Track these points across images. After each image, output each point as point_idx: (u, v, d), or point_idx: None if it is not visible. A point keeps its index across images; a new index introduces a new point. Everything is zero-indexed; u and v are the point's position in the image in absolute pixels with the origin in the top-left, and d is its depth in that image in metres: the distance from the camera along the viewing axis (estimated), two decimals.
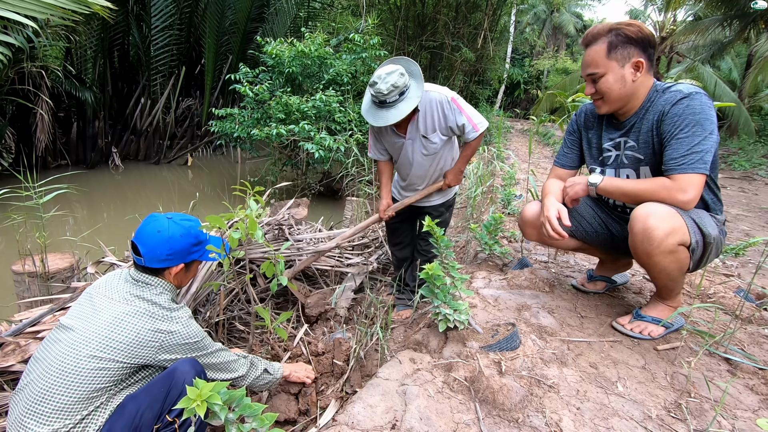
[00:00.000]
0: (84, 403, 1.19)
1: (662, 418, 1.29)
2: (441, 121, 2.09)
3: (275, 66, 6.64)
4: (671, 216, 1.43)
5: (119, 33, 8.93)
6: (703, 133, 1.43)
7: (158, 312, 1.30)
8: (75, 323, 1.27)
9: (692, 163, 1.43)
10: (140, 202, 7.01)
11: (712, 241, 1.50)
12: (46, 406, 1.16)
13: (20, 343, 1.83)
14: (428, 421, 1.20)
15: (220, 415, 0.88)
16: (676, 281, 1.60)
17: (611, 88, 1.54)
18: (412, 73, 2.03)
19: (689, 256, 1.50)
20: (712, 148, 1.44)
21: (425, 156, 2.19)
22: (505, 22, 12.67)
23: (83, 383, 1.18)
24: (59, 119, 8.19)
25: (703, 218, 1.51)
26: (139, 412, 1.20)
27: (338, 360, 2.01)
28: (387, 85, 1.91)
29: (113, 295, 1.32)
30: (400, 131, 2.17)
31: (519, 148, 9.95)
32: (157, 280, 1.39)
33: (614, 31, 1.50)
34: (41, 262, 2.51)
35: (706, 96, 1.47)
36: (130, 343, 1.23)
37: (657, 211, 1.45)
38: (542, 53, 25.71)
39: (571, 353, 1.57)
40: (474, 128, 2.08)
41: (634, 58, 1.50)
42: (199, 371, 1.29)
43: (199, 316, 2.34)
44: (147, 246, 1.34)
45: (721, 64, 14.60)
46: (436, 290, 1.57)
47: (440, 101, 2.05)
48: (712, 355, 1.61)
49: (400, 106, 1.95)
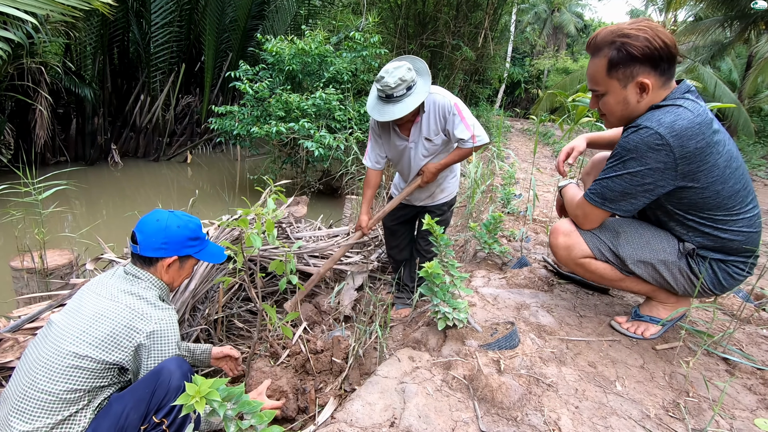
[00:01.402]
0: (63, 404, 1.16)
1: (660, 418, 1.29)
2: (442, 125, 2.09)
3: (275, 63, 6.62)
4: (567, 233, 1.58)
5: (119, 29, 8.90)
6: (619, 170, 1.35)
7: (140, 308, 1.27)
8: (60, 319, 1.26)
9: (591, 192, 1.47)
10: (139, 200, 7.00)
11: (640, 262, 1.48)
12: (28, 403, 1.15)
13: (18, 340, 1.83)
14: (427, 419, 1.20)
15: (219, 411, 0.88)
16: (636, 288, 1.62)
17: (612, 111, 1.42)
18: (419, 71, 2.02)
19: (609, 265, 1.55)
20: (618, 187, 1.37)
21: (426, 158, 2.18)
22: (506, 21, 12.64)
23: (60, 381, 1.16)
24: (58, 116, 8.16)
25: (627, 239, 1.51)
26: (124, 413, 1.18)
27: (337, 358, 2.01)
28: (395, 78, 1.90)
29: (102, 291, 1.31)
30: (404, 133, 2.16)
31: (519, 148, 9.95)
32: (147, 275, 1.38)
33: (617, 43, 1.31)
34: (40, 258, 2.51)
35: (662, 135, 1.26)
36: (105, 338, 1.20)
37: (557, 228, 1.63)
38: (542, 53, 25.70)
39: (570, 352, 1.57)
40: (472, 140, 2.04)
41: (638, 77, 1.32)
42: (186, 371, 1.25)
43: (198, 313, 2.34)
44: (144, 233, 1.35)
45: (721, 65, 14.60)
46: (436, 288, 1.57)
47: (443, 105, 2.04)
48: (710, 355, 1.61)
49: (407, 101, 1.94)
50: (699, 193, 1.34)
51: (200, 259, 1.49)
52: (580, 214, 1.55)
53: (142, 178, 8.29)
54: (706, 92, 11.24)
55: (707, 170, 1.31)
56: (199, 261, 1.53)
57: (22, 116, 7.21)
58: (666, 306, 1.64)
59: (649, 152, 1.28)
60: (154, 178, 8.44)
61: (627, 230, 1.53)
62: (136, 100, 9.21)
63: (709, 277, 1.47)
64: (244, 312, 2.61)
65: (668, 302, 1.63)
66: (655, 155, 1.28)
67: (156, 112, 9.24)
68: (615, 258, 1.54)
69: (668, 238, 1.50)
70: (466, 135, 2.03)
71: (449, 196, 2.37)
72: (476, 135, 2.04)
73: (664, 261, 1.47)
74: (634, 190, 1.36)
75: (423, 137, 2.11)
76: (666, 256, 1.47)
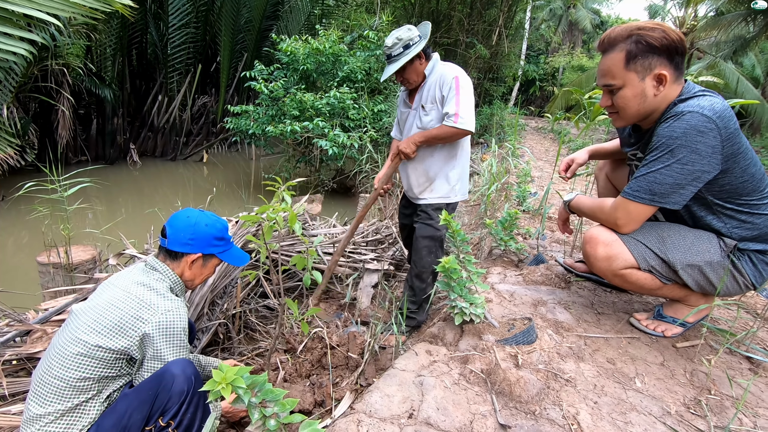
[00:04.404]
0: (73, 391, 1.20)
1: (681, 414, 1.27)
2: (438, 94, 1.99)
3: (290, 63, 6.68)
4: (608, 243, 1.49)
5: (137, 31, 9.10)
6: (666, 161, 1.32)
7: (148, 298, 1.29)
8: (79, 309, 1.31)
9: (634, 190, 1.41)
10: (157, 198, 7.14)
11: (689, 266, 1.43)
12: (44, 388, 1.20)
13: (47, 331, 1.90)
14: (445, 411, 1.21)
15: (244, 398, 0.91)
16: (671, 294, 1.58)
17: (628, 105, 1.39)
18: (422, 33, 2.02)
19: (651, 274, 1.49)
20: (669, 179, 1.32)
21: (418, 129, 2.08)
22: (521, 18, 12.52)
23: (72, 368, 1.20)
24: (79, 116, 8.38)
25: (673, 243, 1.45)
26: (128, 413, 1.20)
27: (353, 353, 2.03)
28: (392, 38, 1.96)
29: (118, 283, 1.35)
30: (410, 101, 2.16)
31: (533, 146, 9.83)
32: (165, 267, 1.42)
33: (634, 36, 1.32)
34: (65, 253, 2.59)
35: (710, 117, 1.27)
36: (113, 327, 1.23)
37: (595, 237, 1.52)
38: (558, 50, 25.35)
39: (588, 348, 1.56)
40: (454, 118, 1.89)
41: (656, 69, 1.33)
42: (190, 375, 1.25)
43: (217, 307, 2.39)
44: (174, 227, 1.40)
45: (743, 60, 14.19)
46: (453, 283, 1.58)
47: (444, 75, 1.97)
48: (732, 354, 1.59)
49: (401, 59, 1.96)
50: (738, 176, 1.35)
51: (223, 260, 1.52)
52: (621, 215, 1.46)
53: (159, 177, 8.46)
54: (728, 89, 10.95)
55: (743, 152, 1.33)
56: (221, 262, 1.56)
57: (45, 117, 7.42)
58: (691, 307, 1.61)
59: (697, 137, 1.27)
60: (171, 177, 8.61)
61: (670, 234, 1.48)
62: (154, 101, 9.40)
63: (751, 271, 1.45)
64: (261, 308, 2.66)
65: (697, 304, 1.59)
66: (704, 139, 1.27)
67: (173, 112, 9.41)
68: (661, 265, 1.47)
69: (709, 238, 1.46)
70: (452, 110, 1.90)
71: (440, 198, 2.11)
72: (460, 115, 1.89)
73: (710, 262, 1.43)
74: (684, 180, 1.32)
75: (420, 104, 2.07)
76: (711, 257, 1.43)
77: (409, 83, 2.07)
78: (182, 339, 1.31)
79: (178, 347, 1.31)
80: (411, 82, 2.05)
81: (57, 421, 1.19)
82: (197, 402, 1.26)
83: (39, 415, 1.18)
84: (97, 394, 1.25)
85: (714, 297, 1.54)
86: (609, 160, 2.01)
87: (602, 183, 2.05)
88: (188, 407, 1.23)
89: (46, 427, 1.18)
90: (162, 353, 1.27)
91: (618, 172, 1.95)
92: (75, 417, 1.21)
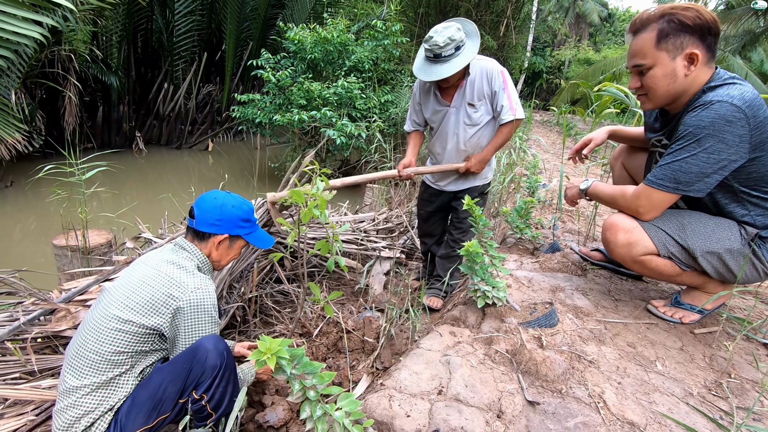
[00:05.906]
0: (108, 364, 1.24)
1: (703, 396, 1.30)
2: (487, 90, 2.03)
3: (297, 52, 6.65)
4: (629, 230, 1.50)
5: (143, 18, 9.03)
6: (693, 150, 1.31)
7: (178, 276, 1.32)
8: (111, 286, 1.34)
9: (658, 178, 1.41)
10: (162, 186, 7.15)
11: (709, 253, 1.44)
12: (80, 361, 1.24)
13: (71, 310, 1.92)
14: (473, 388, 1.24)
15: (286, 369, 0.93)
16: (690, 281, 1.59)
17: (658, 84, 1.38)
18: (468, 32, 1.99)
19: (670, 261, 1.50)
20: (695, 168, 1.33)
21: (467, 126, 2.12)
22: (528, 9, 12.40)
23: (106, 342, 1.23)
24: (85, 103, 8.36)
25: (693, 230, 1.46)
26: (162, 385, 1.23)
27: (369, 337, 2.06)
28: (444, 37, 1.88)
29: (149, 261, 1.38)
30: (446, 99, 2.13)
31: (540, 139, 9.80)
32: (193, 247, 1.44)
33: (667, 16, 1.31)
34: (82, 236, 2.61)
35: (739, 107, 1.26)
36: (145, 304, 1.26)
37: (615, 224, 1.53)
38: (564, 42, 25.14)
39: (608, 333, 1.58)
40: (510, 109, 2.02)
41: (688, 48, 1.31)
42: (222, 350, 1.28)
43: (234, 291, 2.41)
44: (201, 208, 1.42)
45: (752, 55, 14.09)
46: (476, 267, 1.59)
47: (490, 69, 2.00)
48: (750, 341, 1.61)
49: (454, 61, 1.90)
50: (766, 164, 1.35)
51: (249, 242, 1.53)
52: (644, 203, 1.47)
53: (164, 165, 8.47)
54: None
55: None
56: (247, 244, 1.58)
57: (51, 103, 7.41)
58: (709, 295, 1.63)
59: (726, 126, 1.27)
60: (176, 165, 8.61)
61: (691, 221, 1.49)
62: (159, 89, 9.37)
63: None
64: (276, 293, 2.68)
65: (715, 292, 1.61)
66: (732, 128, 1.27)
67: (178, 100, 9.39)
68: (681, 252, 1.49)
69: (729, 226, 1.46)
70: (507, 103, 2.00)
71: (483, 180, 2.31)
72: (514, 107, 2.01)
73: (730, 250, 1.44)
74: (710, 169, 1.32)
75: (466, 102, 2.06)
76: (731, 245, 1.44)
77: (448, 82, 2.03)
78: (212, 315, 1.34)
79: (209, 323, 1.33)
80: (450, 81, 2.02)
81: (93, 393, 1.22)
82: (228, 376, 1.29)
83: (75, 387, 1.21)
84: (131, 368, 1.28)
85: (733, 285, 1.56)
86: (625, 148, 2.01)
87: (617, 172, 2.06)
88: (220, 381, 1.25)
89: (83, 399, 1.21)
90: (194, 329, 1.30)
91: (634, 161, 1.95)
92: (110, 390, 1.24)
